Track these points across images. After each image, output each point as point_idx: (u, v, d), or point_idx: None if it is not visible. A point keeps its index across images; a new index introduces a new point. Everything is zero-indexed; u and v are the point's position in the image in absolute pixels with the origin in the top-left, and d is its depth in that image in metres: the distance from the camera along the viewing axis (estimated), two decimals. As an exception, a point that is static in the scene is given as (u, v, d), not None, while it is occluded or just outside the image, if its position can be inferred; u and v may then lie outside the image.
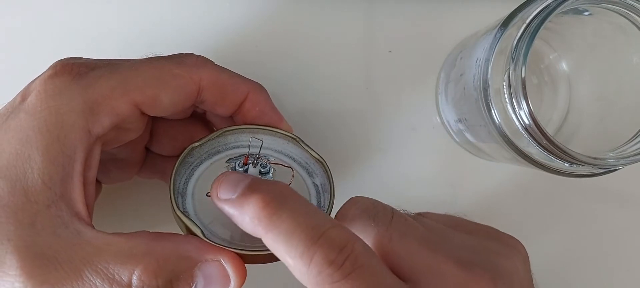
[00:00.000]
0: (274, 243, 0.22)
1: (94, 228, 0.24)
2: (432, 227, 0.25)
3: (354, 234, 0.22)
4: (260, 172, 0.29)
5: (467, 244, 0.25)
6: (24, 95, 0.25)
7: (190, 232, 0.25)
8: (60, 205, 0.24)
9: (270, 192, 0.22)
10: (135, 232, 0.24)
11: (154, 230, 0.25)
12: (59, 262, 0.23)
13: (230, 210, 0.23)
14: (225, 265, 0.25)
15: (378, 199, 0.26)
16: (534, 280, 0.25)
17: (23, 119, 0.24)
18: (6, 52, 0.35)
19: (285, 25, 0.36)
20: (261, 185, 0.23)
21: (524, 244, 0.26)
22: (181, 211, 0.26)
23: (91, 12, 0.35)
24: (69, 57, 0.26)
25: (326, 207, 0.28)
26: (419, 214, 0.27)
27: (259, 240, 0.27)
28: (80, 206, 0.24)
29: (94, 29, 0.35)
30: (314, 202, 0.29)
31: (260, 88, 0.29)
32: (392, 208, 0.25)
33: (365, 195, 0.26)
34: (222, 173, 0.25)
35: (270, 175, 0.29)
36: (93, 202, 0.26)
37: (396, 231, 0.24)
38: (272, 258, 0.25)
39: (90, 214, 0.25)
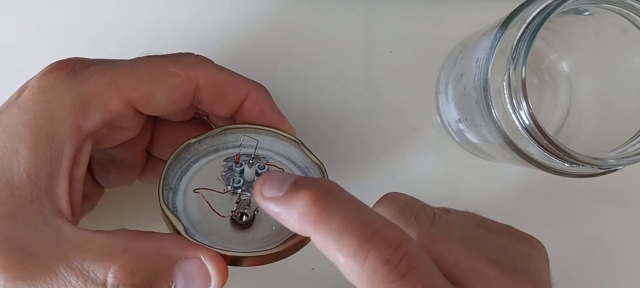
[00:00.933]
0: (324, 240, 0.21)
1: (75, 225, 0.24)
2: (466, 227, 0.25)
3: (406, 233, 0.21)
4: (257, 173, 0.29)
5: (500, 245, 0.24)
6: (20, 91, 0.25)
7: (174, 228, 0.25)
8: (43, 201, 0.23)
9: (319, 188, 0.22)
10: (115, 230, 0.24)
11: (150, 230, 0.25)
12: (36, 258, 0.22)
13: (276, 208, 0.22)
14: (206, 264, 0.24)
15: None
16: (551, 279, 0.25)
17: (15, 113, 0.24)
18: (5, 52, 0.35)
19: (285, 25, 0.36)
20: (308, 181, 0.22)
21: None
22: (167, 206, 0.26)
23: (90, 11, 0.35)
24: (70, 56, 0.26)
25: None
26: (445, 210, 0.26)
27: (245, 244, 0.27)
28: (64, 203, 0.24)
29: (92, 28, 0.35)
30: None
31: (260, 88, 0.29)
32: (432, 208, 0.25)
33: (366, 195, 0.26)
34: (265, 172, 0.24)
35: None
36: (80, 199, 0.26)
37: (438, 231, 0.23)
38: (254, 261, 0.25)
39: (75, 211, 0.25)
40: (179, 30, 0.35)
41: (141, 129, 0.29)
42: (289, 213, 0.22)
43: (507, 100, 0.25)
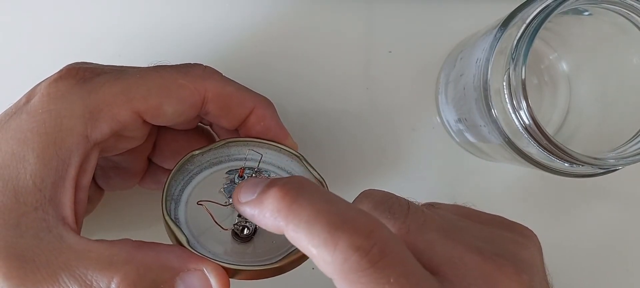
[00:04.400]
0: (295, 234, 0.20)
1: (78, 234, 0.24)
2: (447, 218, 0.24)
3: (379, 220, 0.21)
4: None
5: (484, 234, 0.24)
6: (29, 96, 0.25)
7: (176, 239, 0.25)
8: (47, 209, 0.23)
9: (286, 184, 0.22)
10: (118, 240, 0.24)
11: (150, 239, 0.25)
12: (37, 265, 0.23)
13: (251, 210, 0.22)
14: (208, 276, 0.24)
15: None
16: (547, 270, 0.25)
17: (24, 119, 0.24)
18: (6, 53, 0.35)
19: (284, 25, 0.36)
20: (278, 180, 0.22)
21: None
22: (170, 217, 0.26)
23: (90, 11, 0.35)
24: (78, 61, 0.26)
25: None
26: (430, 204, 0.26)
27: (246, 257, 0.27)
28: (68, 211, 0.24)
29: (92, 28, 0.35)
30: None
31: (266, 103, 0.29)
32: (407, 200, 0.24)
33: None
34: (242, 181, 0.24)
35: None
36: (84, 206, 0.26)
37: (413, 223, 0.23)
38: (256, 275, 0.25)
39: (79, 219, 0.25)
40: (179, 32, 0.35)
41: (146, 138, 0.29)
42: (263, 213, 0.22)
43: (506, 100, 0.25)
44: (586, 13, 0.27)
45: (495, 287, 0.22)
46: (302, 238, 0.20)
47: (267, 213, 0.21)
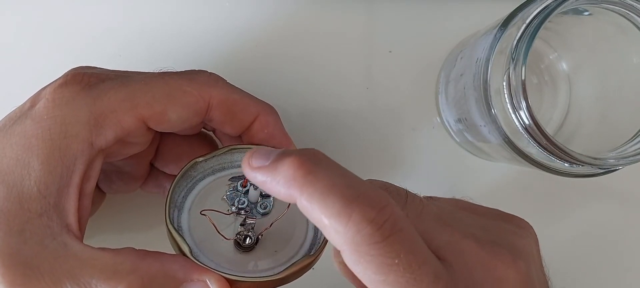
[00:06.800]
0: (308, 203, 0.21)
1: (82, 241, 0.24)
2: (445, 209, 0.25)
3: (390, 198, 0.21)
4: (262, 195, 0.28)
5: (481, 224, 0.24)
6: (33, 101, 0.25)
7: (179, 249, 0.25)
8: (51, 215, 0.23)
9: (304, 154, 0.22)
10: (122, 248, 0.24)
11: (150, 243, 0.25)
12: (42, 273, 0.22)
13: (262, 177, 0.22)
14: (211, 287, 0.24)
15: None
16: (543, 262, 0.25)
17: (28, 125, 0.24)
18: (5, 53, 0.35)
19: (285, 25, 0.36)
20: (294, 150, 0.22)
21: None
22: (173, 226, 0.26)
23: (91, 11, 0.35)
24: (83, 65, 0.26)
25: (322, 237, 0.27)
26: (428, 197, 0.26)
27: (247, 267, 0.27)
28: (72, 218, 0.24)
29: (93, 28, 0.35)
30: (310, 230, 0.28)
31: (270, 110, 0.29)
32: (406, 190, 0.24)
33: None
34: (252, 149, 0.24)
35: (272, 198, 0.28)
36: (88, 213, 0.26)
37: (411, 210, 0.23)
38: (259, 286, 0.25)
39: (83, 226, 0.25)
40: (179, 33, 0.35)
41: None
42: (276, 180, 0.22)
43: (506, 100, 0.25)
44: (586, 13, 0.27)
45: (492, 273, 0.22)
46: (315, 208, 0.21)
47: (281, 181, 0.21)
